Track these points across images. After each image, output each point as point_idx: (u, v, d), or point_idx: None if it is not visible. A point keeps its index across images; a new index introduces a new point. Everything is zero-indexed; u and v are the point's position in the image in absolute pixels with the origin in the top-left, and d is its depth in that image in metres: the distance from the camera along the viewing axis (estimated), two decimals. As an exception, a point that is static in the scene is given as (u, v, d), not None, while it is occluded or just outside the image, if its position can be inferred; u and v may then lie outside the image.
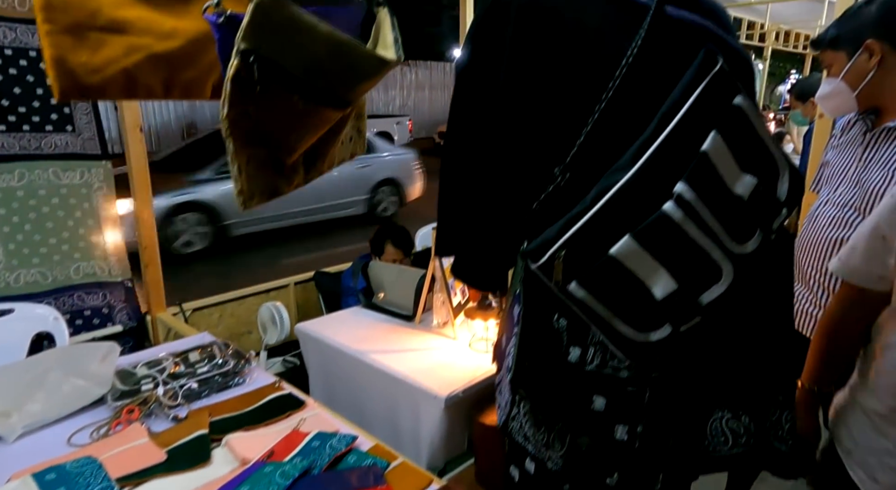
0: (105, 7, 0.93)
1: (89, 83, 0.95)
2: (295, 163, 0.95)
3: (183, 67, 1.00)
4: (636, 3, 0.64)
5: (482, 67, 0.63)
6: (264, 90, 0.76)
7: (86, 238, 2.03)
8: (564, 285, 0.60)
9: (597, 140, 0.62)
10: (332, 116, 0.92)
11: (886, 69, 1.18)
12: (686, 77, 0.59)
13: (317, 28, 0.77)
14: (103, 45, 0.94)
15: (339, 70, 0.84)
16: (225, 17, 0.76)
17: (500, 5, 0.63)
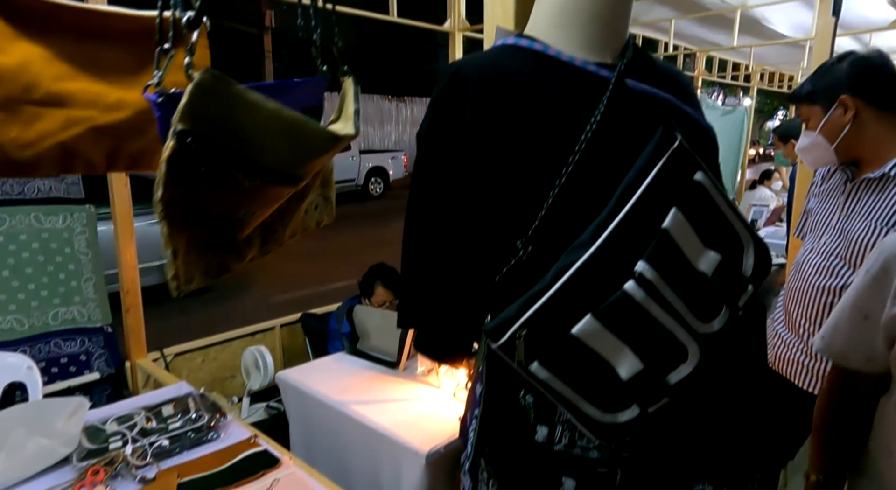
0: (44, 80, 0.89)
1: (19, 159, 0.90)
2: (249, 236, 0.92)
3: (129, 139, 0.96)
4: (596, 75, 0.65)
5: (442, 139, 0.63)
6: (205, 170, 0.73)
7: (66, 283, 2.00)
8: (527, 365, 0.58)
9: (558, 213, 0.61)
10: (285, 192, 0.89)
11: (861, 123, 1.21)
12: (645, 153, 0.58)
13: (262, 106, 0.76)
14: (38, 119, 0.90)
15: (287, 148, 0.81)
16: (166, 96, 0.74)
17: (458, 79, 0.63)
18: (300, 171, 0.86)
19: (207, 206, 0.77)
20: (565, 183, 0.61)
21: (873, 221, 1.19)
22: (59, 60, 0.86)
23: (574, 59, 0.64)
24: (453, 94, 0.62)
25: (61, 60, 0.86)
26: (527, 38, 0.66)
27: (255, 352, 2.41)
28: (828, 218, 1.34)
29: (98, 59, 0.90)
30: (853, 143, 1.23)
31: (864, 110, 1.20)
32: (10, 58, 0.81)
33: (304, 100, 0.99)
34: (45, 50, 0.84)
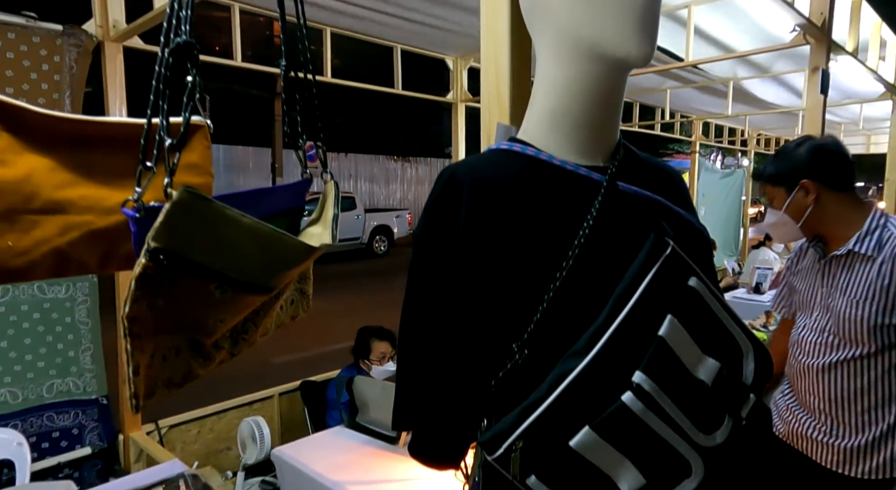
0: (44, 190, 0.90)
1: (11, 267, 0.90)
2: (219, 340, 0.90)
3: (124, 240, 0.94)
4: (588, 179, 0.66)
5: (437, 241, 0.63)
6: (174, 284, 0.72)
7: (63, 353, 1.98)
8: (524, 479, 0.56)
9: (554, 317, 0.61)
10: (257, 301, 0.89)
11: (823, 204, 1.31)
12: (638, 260, 0.59)
13: (239, 221, 0.76)
14: (35, 227, 0.90)
15: (262, 261, 0.81)
16: (144, 211, 0.74)
17: (453, 183, 0.64)
18: (274, 282, 0.86)
19: (176, 316, 0.76)
20: (560, 287, 0.61)
21: (851, 300, 1.25)
22: (62, 169, 0.88)
23: (566, 163, 0.66)
24: (448, 197, 0.64)
25: (63, 169, 0.88)
26: (520, 142, 0.68)
27: (252, 423, 2.34)
28: (812, 295, 1.38)
29: (99, 165, 0.92)
30: (817, 222, 1.32)
31: (825, 192, 1.30)
32: (14, 170, 0.84)
33: (286, 202, 1.01)
34: (48, 160, 0.87)
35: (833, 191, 1.29)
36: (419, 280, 0.65)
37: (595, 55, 0.63)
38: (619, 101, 0.69)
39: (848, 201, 1.30)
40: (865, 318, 1.22)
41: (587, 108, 0.66)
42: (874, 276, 1.22)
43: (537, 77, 0.70)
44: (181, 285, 0.73)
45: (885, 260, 1.22)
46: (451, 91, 3.46)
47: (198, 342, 0.85)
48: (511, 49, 0.89)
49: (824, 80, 1.87)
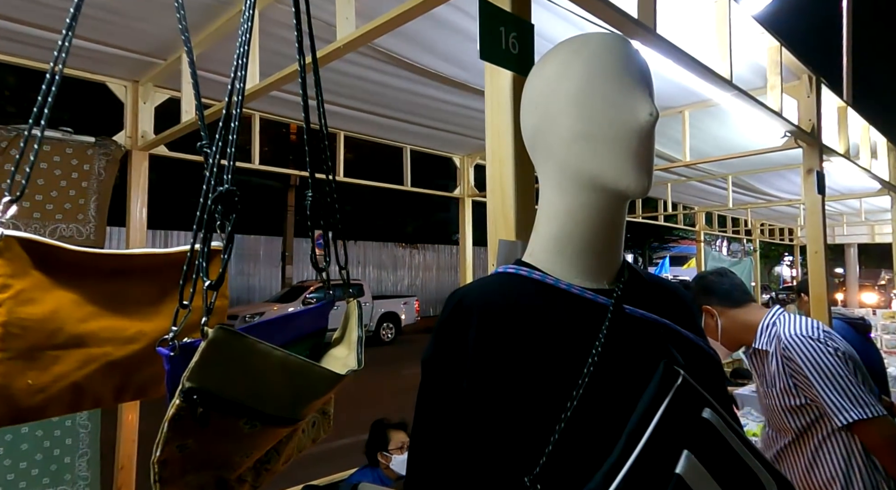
0: (68, 324, 0.91)
1: (29, 405, 0.89)
2: (242, 474, 0.88)
3: (139, 370, 0.98)
4: (594, 302, 0.67)
5: (446, 367, 0.63)
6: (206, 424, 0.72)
7: (59, 459, 1.91)
8: None
9: (566, 449, 0.59)
10: (283, 432, 0.88)
11: (726, 319, 1.57)
12: (649, 392, 0.58)
13: (271, 356, 0.77)
14: (56, 363, 0.90)
15: (291, 393, 0.82)
16: (178, 349, 0.76)
17: (461, 308, 0.65)
18: (302, 412, 0.85)
19: (204, 455, 0.75)
20: (571, 416, 0.59)
21: (765, 389, 1.50)
22: (86, 302, 0.91)
23: (572, 286, 0.67)
24: (456, 322, 0.64)
25: (88, 302, 0.91)
26: (525, 266, 0.70)
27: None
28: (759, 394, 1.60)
29: (124, 296, 0.95)
30: (730, 335, 1.57)
31: (723, 310, 1.57)
32: (42, 308, 0.86)
33: (310, 325, 1.03)
34: (76, 295, 0.90)
35: (727, 307, 1.56)
36: (428, 405, 0.64)
37: (596, 187, 0.66)
38: (621, 227, 0.72)
39: (745, 312, 1.54)
40: (776, 402, 1.43)
41: (590, 235, 0.68)
42: (774, 365, 1.44)
43: (541, 203, 0.73)
44: (211, 424, 0.72)
45: (775, 349, 1.44)
46: (458, 186, 3.60)
47: (223, 479, 0.82)
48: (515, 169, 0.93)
49: (820, 181, 1.93)
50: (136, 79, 2.09)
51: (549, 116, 0.69)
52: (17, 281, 0.84)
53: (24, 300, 0.85)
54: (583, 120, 0.66)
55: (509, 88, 0.90)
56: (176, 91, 2.09)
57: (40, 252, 0.88)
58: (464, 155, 3.56)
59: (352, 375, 0.89)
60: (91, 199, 1.98)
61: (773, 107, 1.81)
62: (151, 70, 2.00)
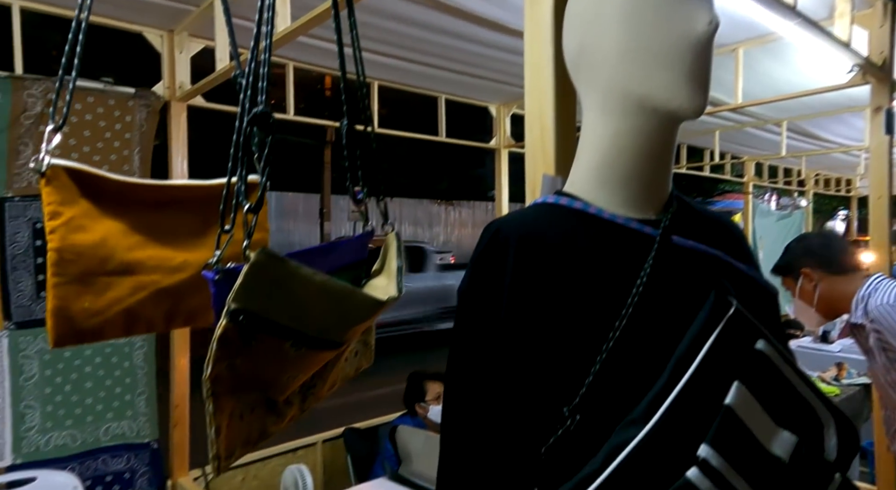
0: (118, 252, 0.95)
1: (87, 327, 0.94)
2: (289, 397, 0.92)
3: (188, 297, 1.01)
4: (640, 233, 0.64)
5: (482, 299, 0.62)
6: (252, 344, 0.75)
7: (121, 397, 2.04)
8: (581, 559, 0.52)
9: (607, 380, 0.58)
10: (328, 356, 0.90)
11: (826, 286, 1.49)
12: (698, 321, 0.55)
13: (312, 280, 0.78)
14: (109, 288, 0.94)
15: (333, 317, 0.83)
16: (222, 273, 0.77)
17: (497, 240, 0.63)
18: (345, 336, 0.87)
19: (252, 375, 0.78)
20: (613, 347, 0.58)
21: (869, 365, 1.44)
22: (133, 232, 0.94)
23: (616, 217, 0.64)
24: (493, 254, 0.62)
25: (134, 232, 0.94)
26: (566, 196, 0.67)
27: (296, 471, 2.32)
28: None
29: (168, 227, 0.98)
30: (826, 304, 1.50)
31: (824, 277, 1.48)
32: (92, 235, 0.90)
33: (350, 256, 1.04)
34: (122, 224, 0.93)
35: (829, 273, 1.48)
36: (464, 337, 0.63)
37: (644, 109, 0.62)
38: (670, 155, 0.67)
39: (848, 281, 1.46)
40: (882, 380, 1.36)
41: (636, 163, 0.64)
42: (871, 340, 1.36)
43: (583, 130, 0.69)
44: (258, 345, 0.75)
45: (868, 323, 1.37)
46: (494, 137, 3.51)
47: (271, 400, 0.87)
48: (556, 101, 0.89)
49: (889, 120, 1.78)
50: (171, 28, 2.08)
51: (594, 33, 0.64)
52: (67, 209, 0.88)
53: (74, 228, 0.89)
54: (632, 34, 0.61)
55: (550, 9, 0.84)
56: (210, 40, 2.08)
57: (86, 181, 0.91)
58: (500, 104, 3.46)
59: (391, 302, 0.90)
60: (134, 151, 2.03)
61: (841, 37, 1.66)
62: (185, 18, 1.99)
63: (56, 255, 0.88)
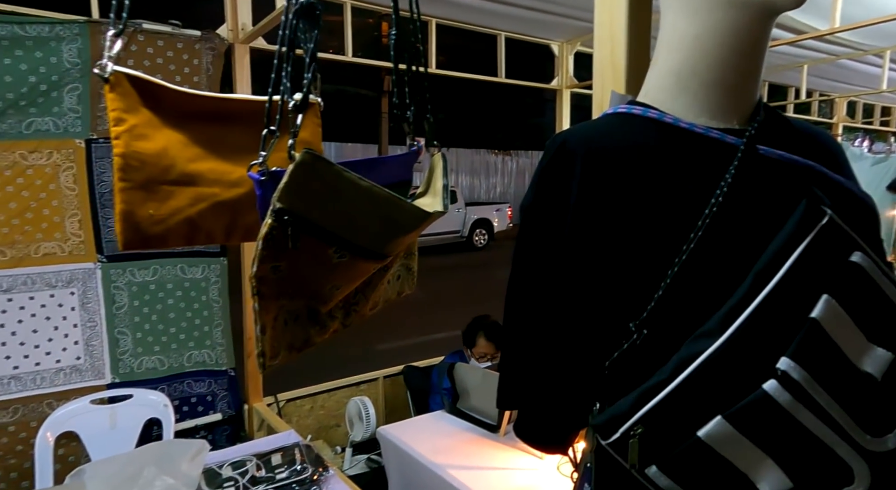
0: (179, 162, 0.98)
1: (152, 233, 0.98)
2: (332, 310, 0.93)
3: (245, 212, 1.03)
4: (721, 142, 0.59)
5: (547, 214, 0.60)
6: (297, 247, 0.75)
7: (200, 328, 2.21)
8: (643, 468, 0.51)
9: (678, 295, 0.55)
10: (371, 267, 0.90)
11: None
12: (786, 230, 0.51)
13: (357, 184, 0.78)
14: (171, 197, 0.98)
15: (378, 226, 0.83)
16: (268, 175, 0.78)
17: (564, 152, 0.60)
18: (388, 248, 0.87)
19: (296, 281, 0.80)
20: (687, 261, 0.55)
21: None
22: (192, 144, 0.97)
23: (695, 125, 0.59)
24: (558, 167, 0.60)
25: (194, 144, 0.98)
26: (640, 105, 0.63)
27: (359, 403, 2.46)
28: None
29: (224, 141, 1.01)
30: None
31: None
32: (154, 144, 0.94)
33: (394, 174, 1.03)
34: (181, 135, 0.97)
35: None
36: (527, 253, 0.62)
37: (734, 2, 0.56)
38: (760, 58, 0.61)
39: None
40: None
41: (721, 65, 0.59)
42: None
43: (662, 32, 0.63)
44: (302, 249, 0.76)
45: None
46: (555, 77, 3.36)
47: (314, 310, 0.89)
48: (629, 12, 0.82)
49: None
50: (231, -32, 2.09)
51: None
52: (130, 116, 0.91)
53: (137, 135, 0.93)
54: None
55: None
56: (268, -21, 2.07)
57: (147, 90, 0.94)
58: (563, 41, 3.28)
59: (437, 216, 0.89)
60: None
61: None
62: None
63: (121, 161, 0.93)
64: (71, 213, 1.92)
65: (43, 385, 1.93)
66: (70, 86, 1.84)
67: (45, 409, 1.91)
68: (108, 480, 1.35)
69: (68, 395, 1.94)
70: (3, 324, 1.86)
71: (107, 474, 1.38)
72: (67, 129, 1.87)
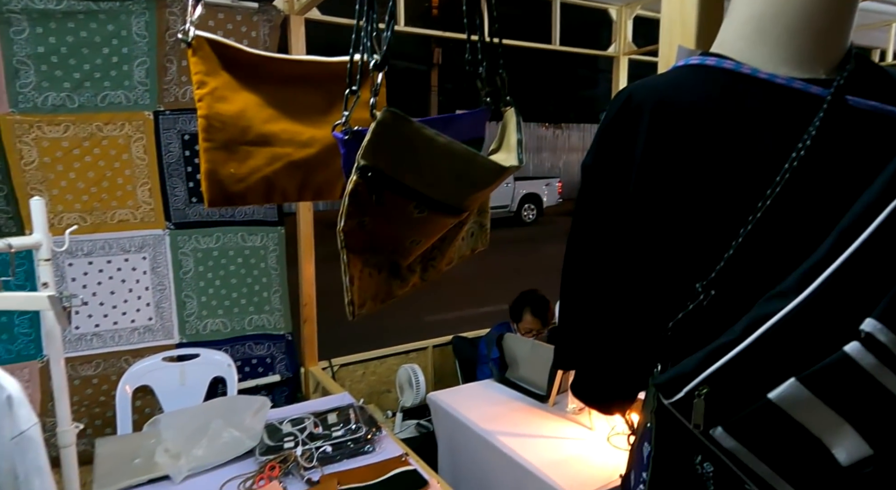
0: (255, 123, 1.03)
1: (234, 191, 1.05)
2: (412, 263, 0.96)
3: (316, 172, 1.08)
4: (805, 93, 0.55)
5: (610, 172, 0.58)
6: (381, 203, 0.78)
7: (259, 294, 2.31)
8: (707, 429, 0.50)
9: (751, 254, 0.53)
10: (449, 222, 0.92)
11: None
12: (876, 186, 0.47)
13: (435, 141, 0.79)
14: (249, 157, 1.04)
15: (455, 180, 0.84)
16: (351, 134, 0.81)
17: (630, 106, 0.58)
18: (465, 203, 0.88)
19: (379, 236, 0.83)
20: (762, 218, 0.52)
21: None
22: (267, 105, 1.02)
23: (776, 76, 0.56)
24: (624, 122, 0.58)
25: (268, 105, 1.02)
26: (714, 55, 0.59)
27: (409, 370, 2.52)
28: None
29: (296, 103, 1.04)
30: None
31: None
32: (233, 106, 0.98)
33: (467, 131, 1.03)
34: (257, 97, 1.01)
35: None
36: (588, 212, 0.60)
37: None
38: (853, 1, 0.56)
39: None
40: None
41: (809, 8, 0.54)
42: None
43: (741, -22, 0.59)
44: (385, 204, 0.79)
45: None
46: (612, 43, 3.22)
47: (396, 264, 0.93)
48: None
49: None
50: (286, -61, 2.10)
51: None
52: (211, 79, 0.96)
53: (218, 97, 0.98)
54: None
55: None
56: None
57: (225, 53, 0.99)
58: (621, 5, 3.13)
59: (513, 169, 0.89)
60: (260, 67, 2.14)
61: None
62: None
63: (205, 122, 0.99)
64: (142, 182, 2.03)
65: (120, 342, 2.08)
66: (139, 60, 1.92)
67: (122, 365, 2.06)
68: (181, 430, 1.45)
69: (142, 353, 2.09)
70: (86, 285, 2.01)
71: (179, 424, 1.48)
72: (137, 102, 1.96)
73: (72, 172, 1.93)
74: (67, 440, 1.07)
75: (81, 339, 2.03)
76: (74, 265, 1.99)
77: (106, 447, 1.48)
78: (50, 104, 1.85)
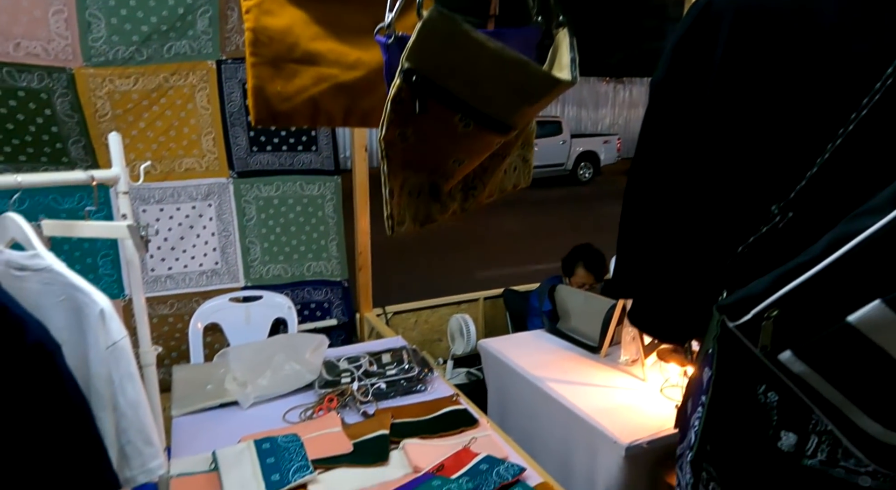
0: (302, 41, 1.02)
1: (280, 110, 1.05)
2: (452, 189, 0.94)
3: (362, 96, 1.07)
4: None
5: (684, 84, 0.55)
6: (424, 111, 0.75)
7: (317, 241, 2.39)
8: (774, 353, 0.48)
9: (835, 172, 0.49)
10: (495, 141, 0.87)
11: None
12: None
13: (485, 46, 0.74)
14: (296, 76, 1.03)
15: (505, 91, 0.79)
16: (395, 38, 0.78)
17: (708, 15, 0.53)
18: (514, 118, 0.84)
19: (421, 151, 0.81)
20: (853, 132, 0.48)
21: None
22: (314, 23, 1.02)
23: (874, -23, 0.50)
24: (701, 32, 0.54)
25: (315, 23, 1.02)
26: None
27: (461, 319, 2.57)
28: None
29: (342, 22, 1.04)
30: None
31: None
32: (280, 20, 0.99)
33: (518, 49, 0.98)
34: (304, 13, 1.01)
35: None
36: (657, 130, 0.57)
37: None
38: None
39: None
40: None
41: None
42: None
43: None
44: (429, 114, 0.77)
45: None
46: (684, -18, 2.98)
47: (436, 185, 0.92)
48: None
49: None
50: None
51: None
52: None
53: (265, 11, 0.99)
54: None
55: None
56: None
57: None
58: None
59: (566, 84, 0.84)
60: None
61: None
62: None
63: (252, 35, 1.00)
64: (206, 131, 2.11)
65: (190, 285, 2.22)
66: (202, 9, 1.96)
67: (193, 305, 2.21)
68: (247, 362, 1.55)
69: (210, 295, 2.23)
70: (158, 230, 2.14)
71: (245, 356, 1.58)
72: (200, 51, 2.01)
73: (142, 122, 2.02)
74: (149, 360, 1.17)
75: (157, 280, 2.18)
76: (147, 211, 2.12)
77: (182, 373, 1.61)
78: (120, 57, 1.93)
